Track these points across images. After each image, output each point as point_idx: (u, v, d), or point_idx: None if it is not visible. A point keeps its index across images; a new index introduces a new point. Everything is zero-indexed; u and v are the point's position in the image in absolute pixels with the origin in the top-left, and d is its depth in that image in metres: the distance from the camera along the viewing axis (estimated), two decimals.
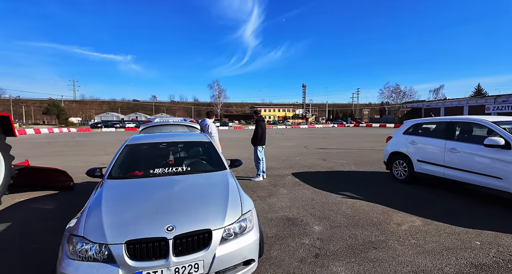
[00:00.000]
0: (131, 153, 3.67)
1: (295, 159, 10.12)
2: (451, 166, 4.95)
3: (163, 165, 3.58)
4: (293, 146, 15.73)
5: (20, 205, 4.75)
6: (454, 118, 5.36)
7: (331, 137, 23.63)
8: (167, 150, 4.04)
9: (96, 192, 2.79)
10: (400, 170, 6.19)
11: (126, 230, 2.11)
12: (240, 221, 2.41)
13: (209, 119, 6.62)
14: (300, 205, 4.59)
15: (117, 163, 3.38)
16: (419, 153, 5.72)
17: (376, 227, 3.61)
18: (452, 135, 5.19)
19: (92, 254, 2.00)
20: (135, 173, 3.26)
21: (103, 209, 2.37)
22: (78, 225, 2.20)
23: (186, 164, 3.67)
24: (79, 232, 2.12)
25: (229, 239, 2.26)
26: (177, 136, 4.48)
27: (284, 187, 5.86)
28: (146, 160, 3.72)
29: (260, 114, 7.04)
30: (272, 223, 3.82)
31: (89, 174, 3.25)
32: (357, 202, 4.73)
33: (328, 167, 8.32)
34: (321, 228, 3.63)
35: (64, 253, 2.05)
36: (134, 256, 2.00)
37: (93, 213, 2.34)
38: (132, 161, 3.55)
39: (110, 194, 2.69)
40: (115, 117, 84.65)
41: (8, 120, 4.74)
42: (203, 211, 2.41)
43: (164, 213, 2.32)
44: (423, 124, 6.10)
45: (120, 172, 3.26)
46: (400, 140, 6.30)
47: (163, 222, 2.18)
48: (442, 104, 53.48)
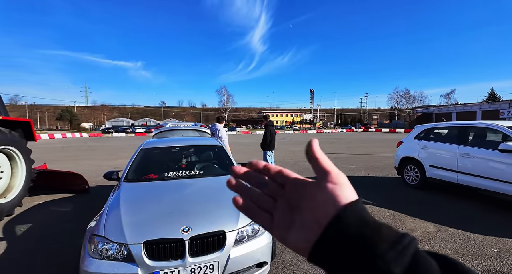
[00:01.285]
0: (146, 157, 3.79)
1: (304, 163, 10.10)
2: (465, 171, 4.87)
3: (176, 168, 3.67)
4: (301, 150, 15.69)
5: (39, 207, 4.92)
6: (467, 123, 5.29)
7: (339, 141, 23.45)
8: (180, 154, 4.14)
9: (114, 194, 2.89)
10: (412, 175, 6.11)
11: (145, 230, 2.19)
12: (253, 224, 2.46)
13: (219, 124, 6.73)
14: None
15: (133, 166, 3.49)
16: (431, 158, 5.65)
17: None
18: (465, 140, 5.12)
19: (112, 253, 2.08)
20: (150, 176, 3.35)
21: (122, 210, 2.46)
22: (99, 226, 2.29)
23: (198, 168, 3.76)
24: (100, 232, 2.21)
25: (242, 241, 2.31)
26: (189, 140, 4.59)
27: None
28: (160, 163, 3.83)
29: (270, 119, 7.10)
30: None
31: (106, 177, 3.36)
32: (367, 207, 4.65)
33: None
34: None
35: (86, 252, 2.14)
36: (152, 256, 2.07)
37: (112, 214, 2.43)
38: (147, 165, 3.66)
39: (128, 196, 2.78)
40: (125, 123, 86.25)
41: (29, 126, 4.95)
42: (216, 213, 2.47)
43: (179, 215, 2.39)
44: (434, 129, 6.04)
45: (135, 175, 3.36)
46: (412, 145, 6.24)
47: (179, 224, 2.25)
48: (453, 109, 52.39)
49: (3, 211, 4.14)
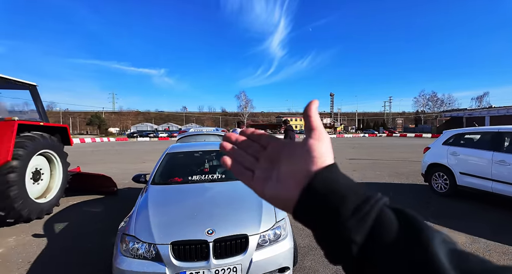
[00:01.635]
0: (171, 161, 3.95)
1: None
2: (501, 179, 4.57)
3: (199, 172, 3.80)
4: None
5: (74, 207, 5.27)
6: (503, 128, 4.97)
7: (361, 147, 22.78)
8: (203, 158, 4.27)
9: (142, 196, 3.05)
10: (440, 183, 5.81)
11: (171, 231, 2.29)
12: (275, 228, 2.48)
13: (239, 129, 6.85)
14: None
15: (159, 169, 3.66)
16: (461, 165, 5.35)
17: None
18: (500, 146, 4.81)
19: (142, 253, 2.20)
20: (175, 179, 3.50)
21: (150, 212, 2.59)
22: (129, 226, 2.43)
23: (220, 172, 3.85)
24: (131, 232, 2.34)
25: (264, 245, 2.34)
26: (212, 145, 4.72)
27: None
28: (184, 167, 3.98)
29: (289, 124, 7.13)
30: (303, 233, 3.82)
31: (134, 180, 3.56)
32: None
33: (359, 178, 8.06)
34: None
35: (119, 250, 2.28)
36: (178, 257, 2.16)
37: (141, 215, 2.56)
38: (172, 168, 3.82)
39: (155, 198, 2.93)
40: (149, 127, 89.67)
41: (65, 131, 5.36)
42: (239, 217, 2.53)
43: (203, 218, 2.47)
44: (465, 135, 5.73)
45: (162, 178, 3.52)
46: (440, 150, 5.95)
47: (203, 226, 2.33)
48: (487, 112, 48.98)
49: (44, 210, 4.50)
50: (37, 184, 4.52)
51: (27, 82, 4.77)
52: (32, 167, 4.37)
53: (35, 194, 4.44)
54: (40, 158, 4.61)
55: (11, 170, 3.87)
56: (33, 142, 4.28)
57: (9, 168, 3.86)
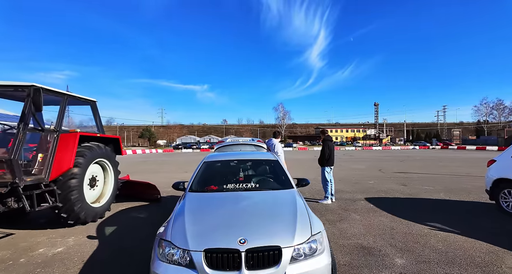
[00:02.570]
0: (207, 169, 4.08)
1: (368, 182, 9.26)
2: None
3: (234, 181, 3.83)
4: (364, 168, 14.48)
5: (123, 212, 5.72)
6: None
7: (411, 159, 20.82)
8: (238, 167, 4.32)
9: (180, 203, 3.16)
10: (511, 201, 4.95)
11: (205, 239, 2.31)
12: (310, 242, 2.35)
13: (275, 139, 6.81)
14: (376, 233, 4.14)
15: (197, 177, 3.79)
16: None
17: (480, 269, 2.94)
18: None
19: (177, 258, 2.24)
20: (211, 187, 3.58)
21: (186, 219, 2.66)
22: (166, 231, 2.52)
23: (255, 181, 3.83)
24: (167, 237, 2.42)
25: (299, 259, 2.22)
26: (247, 154, 4.77)
27: (356, 212, 5.40)
28: (220, 175, 4.06)
29: (328, 134, 6.87)
30: (344, 250, 3.54)
31: (174, 187, 3.73)
32: (450, 235, 3.97)
33: (409, 193, 7.31)
34: (405, 261, 3.16)
35: (156, 255, 2.37)
36: (210, 265, 2.16)
37: (178, 221, 2.65)
38: (208, 176, 3.92)
39: (191, 205, 3.01)
40: (192, 140, 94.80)
41: (118, 142, 5.94)
42: (272, 227, 2.45)
43: (236, 226, 2.45)
44: None
45: (199, 186, 3.64)
46: (509, 164, 5.12)
47: (236, 235, 2.30)
48: None
49: (97, 214, 4.96)
50: (93, 189, 5.04)
51: (89, 98, 5.45)
52: (89, 174, 4.89)
53: (91, 199, 4.93)
54: (96, 166, 5.15)
55: (72, 176, 4.38)
56: (91, 151, 4.82)
57: (71, 174, 4.37)
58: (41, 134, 4.30)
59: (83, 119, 5.84)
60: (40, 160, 4.18)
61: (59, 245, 3.89)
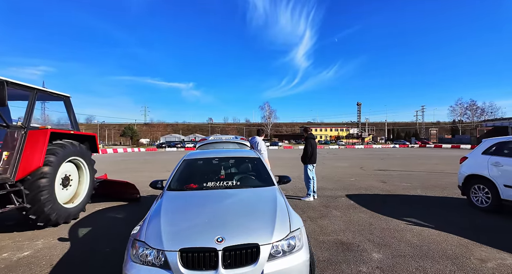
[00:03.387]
0: (187, 167, 3.98)
1: (350, 180, 9.46)
2: None
3: (215, 179, 3.77)
4: (347, 166, 14.80)
5: (99, 213, 5.48)
6: None
7: (391, 158, 21.53)
8: (219, 165, 4.25)
9: (157, 202, 3.06)
10: (481, 196, 5.21)
11: (181, 238, 2.24)
12: (289, 239, 2.33)
13: (258, 137, 6.78)
14: (355, 229, 4.21)
15: (176, 176, 3.68)
16: (506, 176, 4.77)
17: (451, 261, 3.05)
18: None
19: (151, 259, 2.16)
20: (190, 185, 3.49)
21: (162, 218, 2.57)
22: (141, 231, 2.43)
23: (236, 179, 3.78)
24: (141, 238, 2.32)
25: (277, 256, 2.20)
26: (229, 152, 4.70)
27: (337, 209, 5.48)
28: (200, 174, 3.97)
29: (310, 132, 6.93)
30: (324, 246, 3.57)
31: (152, 186, 3.60)
32: (425, 230, 4.11)
33: (388, 190, 7.53)
34: (381, 256, 3.23)
35: (129, 256, 2.26)
36: (186, 265, 2.09)
37: (153, 221, 2.55)
38: (188, 175, 3.83)
39: (169, 204, 2.92)
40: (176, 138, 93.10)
41: (94, 139, 5.68)
42: (251, 225, 2.41)
43: (214, 225, 2.40)
44: (510, 143, 5.13)
45: (178, 185, 3.53)
46: (479, 160, 5.38)
47: (214, 233, 2.25)
48: None
49: (71, 215, 4.72)
50: (65, 189, 4.78)
51: (62, 93, 5.17)
52: (61, 173, 4.64)
53: (63, 199, 4.68)
54: (69, 165, 4.89)
55: (42, 175, 4.13)
56: (64, 149, 4.57)
57: (41, 173, 4.12)
58: (6, 131, 4.02)
59: (62, 116, 5.52)
60: (5, 159, 3.91)
61: (26, 248, 3.65)
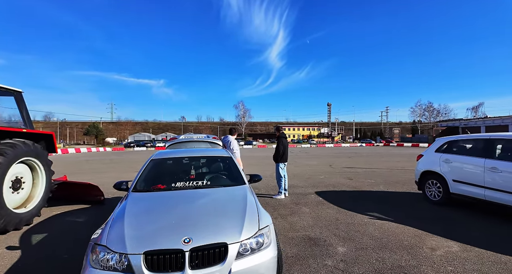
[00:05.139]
0: (155, 167, 3.84)
1: (319, 177, 9.82)
2: (493, 187, 4.49)
3: (184, 179, 3.68)
4: (317, 164, 15.34)
5: (57, 217, 5.08)
6: (494, 135, 4.93)
7: (358, 156, 22.71)
8: (190, 165, 4.16)
9: (121, 204, 2.92)
10: (434, 191, 5.72)
11: (145, 241, 2.17)
12: (257, 236, 2.36)
13: (231, 136, 6.75)
14: (323, 225, 4.39)
15: (142, 176, 3.54)
16: (454, 172, 5.28)
17: (406, 251, 3.31)
18: (492, 153, 4.75)
19: (113, 264, 2.06)
20: (158, 186, 3.38)
21: (126, 221, 2.46)
22: (102, 235, 2.30)
23: (207, 178, 3.74)
24: (102, 242, 2.21)
25: (245, 254, 2.22)
26: (200, 151, 4.63)
27: (306, 206, 5.66)
28: (169, 174, 3.86)
29: (282, 131, 7.04)
30: (292, 242, 3.67)
31: (116, 187, 3.43)
32: (385, 223, 4.41)
33: (354, 186, 7.95)
34: (346, 249, 3.41)
35: (88, 261, 2.14)
36: (151, 267, 2.03)
37: (116, 224, 2.43)
38: (156, 175, 3.70)
39: (133, 206, 2.80)
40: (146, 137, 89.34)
41: (51, 138, 5.24)
42: (220, 224, 2.41)
43: (182, 226, 2.35)
44: (458, 142, 5.68)
45: (144, 185, 3.40)
46: (433, 158, 5.89)
47: (181, 234, 2.21)
48: (482, 122, 49.37)
49: (22, 220, 4.30)
50: (16, 193, 4.35)
51: (12, 88, 4.69)
52: (12, 175, 4.22)
53: (14, 204, 4.26)
54: (21, 166, 4.47)
55: None
56: (14, 149, 4.15)
57: None
58: None
59: (14, 113, 4.97)
60: None
61: None
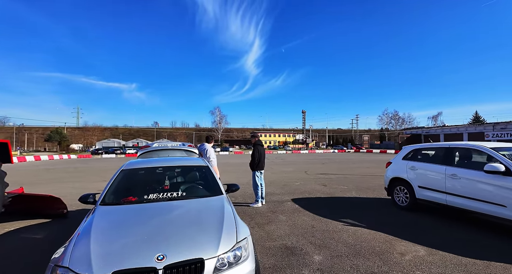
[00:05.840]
0: (126, 178, 3.64)
1: (295, 184, 9.96)
2: (453, 192, 4.85)
3: (158, 190, 3.53)
4: (293, 171, 15.57)
5: (10, 234, 4.58)
6: (453, 144, 5.35)
7: (331, 162, 23.47)
8: (163, 175, 4.00)
9: (87, 219, 2.71)
10: (402, 196, 6.05)
11: (114, 259, 2.02)
12: (235, 250, 2.31)
13: (208, 144, 6.63)
14: (299, 233, 4.42)
15: (111, 188, 3.33)
16: (419, 178, 5.64)
17: (378, 257, 3.44)
18: (452, 161, 5.15)
19: None
20: (128, 198, 3.19)
21: (92, 237, 2.29)
22: (64, 255, 2.11)
23: (182, 189, 3.62)
24: (64, 263, 2.03)
25: (222, 269, 2.16)
26: (174, 161, 4.47)
27: (283, 214, 5.69)
28: (141, 185, 3.67)
29: (258, 138, 7.01)
30: (270, 252, 3.65)
31: (82, 200, 3.18)
32: (358, 229, 4.55)
33: (328, 192, 8.16)
34: (322, 257, 3.46)
35: None
36: None
37: (81, 242, 2.25)
38: (127, 186, 3.50)
39: (101, 221, 2.61)
40: (116, 144, 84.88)
41: (6, 147, 4.77)
42: (195, 238, 2.32)
43: (155, 241, 2.24)
44: (422, 150, 6.09)
45: (113, 198, 3.20)
46: (400, 165, 6.25)
47: (154, 251, 2.10)
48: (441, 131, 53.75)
49: None
50: None
51: None
52: None
53: None
54: None
55: None
56: None
57: None
58: None
59: None
60: None
61: None
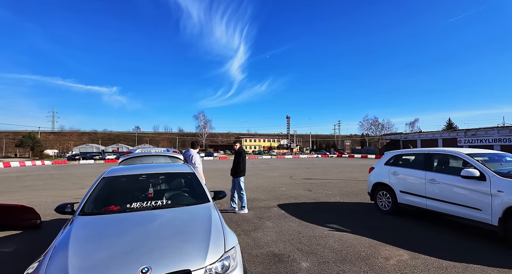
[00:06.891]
0: (107, 186, 3.48)
1: (281, 189, 9.98)
2: (432, 197, 5.04)
3: (142, 198, 3.39)
4: (278, 176, 15.62)
5: None
6: (432, 150, 5.59)
7: (315, 167, 23.80)
8: (147, 182, 3.86)
9: (64, 230, 2.55)
10: (384, 201, 6.21)
11: (95, 273, 1.90)
12: (223, 260, 2.26)
13: (193, 149, 6.52)
14: (286, 239, 4.41)
15: (92, 197, 3.17)
16: (401, 183, 5.82)
17: (364, 262, 3.49)
18: (431, 166, 5.36)
19: None
20: (110, 207, 3.05)
21: (70, 249, 2.15)
22: (39, 270, 1.97)
23: (167, 197, 3.50)
24: None
25: None
26: (159, 167, 4.33)
27: (270, 220, 5.66)
28: (123, 193, 3.52)
29: (241, 145, 6.95)
30: (257, 260, 3.60)
31: (58, 211, 3.00)
32: (344, 235, 4.61)
33: (313, 198, 8.23)
34: (309, 264, 3.45)
35: None
36: None
37: (58, 255, 2.11)
38: (108, 195, 3.34)
39: (80, 232, 2.47)
40: (95, 149, 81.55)
41: None
42: (182, 249, 2.24)
43: (139, 253, 2.13)
44: (403, 156, 6.31)
45: (94, 207, 3.04)
46: (382, 170, 6.43)
47: (138, 263, 2.00)
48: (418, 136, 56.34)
49: None
50: None
51: None
52: None
53: None
54: None
55: None
56: None
57: None
58: None
59: None
60: None
61: None
